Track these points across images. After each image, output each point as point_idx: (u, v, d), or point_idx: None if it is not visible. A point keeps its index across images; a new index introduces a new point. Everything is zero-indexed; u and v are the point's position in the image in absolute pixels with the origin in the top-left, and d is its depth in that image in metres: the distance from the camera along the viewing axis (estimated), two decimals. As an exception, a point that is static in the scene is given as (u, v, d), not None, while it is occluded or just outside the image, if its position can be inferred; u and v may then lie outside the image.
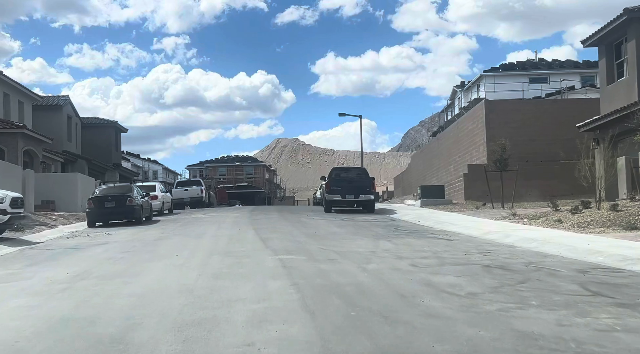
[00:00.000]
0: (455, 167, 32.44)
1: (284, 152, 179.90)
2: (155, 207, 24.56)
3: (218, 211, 27.75)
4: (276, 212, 24.68)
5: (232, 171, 73.94)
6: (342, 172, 25.85)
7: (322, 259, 9.65)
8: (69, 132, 39.60)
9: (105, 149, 45.12)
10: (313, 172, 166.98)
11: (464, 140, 31.17)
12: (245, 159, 79.28)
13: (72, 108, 40.40)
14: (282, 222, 18.74)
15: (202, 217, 22.50)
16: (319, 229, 15.74)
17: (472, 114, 30.28)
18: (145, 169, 74.79)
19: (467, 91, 44.01)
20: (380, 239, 13.18)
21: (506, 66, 41.44)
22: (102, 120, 46.42)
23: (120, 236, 15.26)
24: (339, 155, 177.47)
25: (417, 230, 15.85)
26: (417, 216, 20.44)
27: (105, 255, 11.07)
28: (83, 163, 38.70)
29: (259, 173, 75.12)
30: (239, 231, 15.50)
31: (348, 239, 13.11)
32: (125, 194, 19.28)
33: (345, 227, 16.44)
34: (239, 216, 22.12)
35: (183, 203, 35.80)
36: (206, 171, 75.78)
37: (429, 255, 10.25)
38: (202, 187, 36.27)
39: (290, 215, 22.39)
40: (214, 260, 9.68)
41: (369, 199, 23.67)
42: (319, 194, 37.27)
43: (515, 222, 16.80)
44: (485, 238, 13.45)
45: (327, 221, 19.21)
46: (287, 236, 13.68)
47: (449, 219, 18.64)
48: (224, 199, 47.09)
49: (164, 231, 16.17)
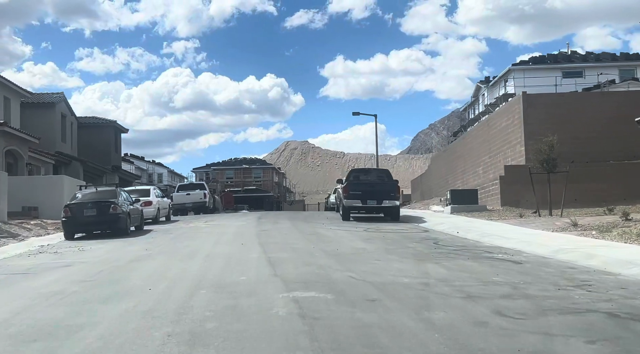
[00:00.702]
0: (485, 169, 29.23)
1: (294, 155, 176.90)
2: (148, 214, 21.56)
3: (222, 218, 24.74)
4: (287, 220, 21.61)
5: (239, 174, 70.96)
6: (362, 175, 22.75)
7: (357, 300, 6.56)
8: (63, 132, 36.75)
9: (103, 151, 42.26)
10: (323, 175, 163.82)
11: (496, 139, 27.97)
12: (253, 161, 76.17)
13: (66, 106, 37.56)
14: (294, 234, 15.65)
15: (202, 226, 19.47)
16: (341, 245, 12.64)
17: (506, 109, 27.08)
18: (150, 172, 72.02)
19: (492, 87, 40.79)
20: (424, 260, 10.07)
21: (536, 59, 38.17)
22: (100, 119, 43.58)
23: (93, 254, 12.23)
24: (349, 158, 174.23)
25: (463, 245, 12.71)
26: (453, 226, 17.29)
27: (55, 287, 8.03)
28: (77, 165, 35.84)
29: (267, 176, 72.08)
30: (241, 247, 12.42)
31: (382, 261, 10.01)
32: (107, 201, 16.28)
33: (372, 242, 13.33)
34: (245, 226, 19.08)
35: (185, 208, 32.84)
36: (213, 174, 72.81)
37: (509, 291, 7.13)
38: (206, 191, 33.25)
39: (303, 224, 19.31)
40: (199, 301, 6.60)
41: (393, 206, 20.56)
42: (333, 199, 34.11)
43: (580, 235, 13.62)
44: (561, 259, 10.29)
45: (349, 232, 16.11)
46: (303, 256, 10.59)
47: (495, 231, 15.47)
48: (230, 204, 43.87)
49: (150, 247, 13.13)
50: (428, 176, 45.21)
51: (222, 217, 25.61)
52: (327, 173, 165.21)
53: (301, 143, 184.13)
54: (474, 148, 31.87)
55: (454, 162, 36.13)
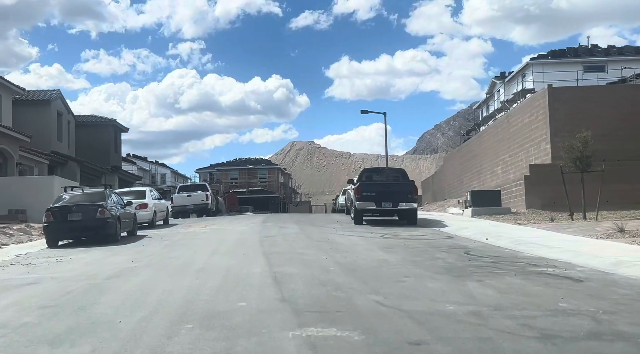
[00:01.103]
0: (505, 169, 27.42)
1: (299, 156, 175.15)
2: (143, 218, 19.88)
3: (224, 221, 23.05)
4: (294, 224, 19.89)
5: (244, 175, 69.26)
6: (375, 174, 21.01)
7: (395, 342, 4.83)
8: (59, 131, 35.16)
9: (102, 151, 40.68)
10: (329, 176, 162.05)
11: (517, 136, 26.15)
12: (258, 161, 74.40)
13: (63, 104, 35.96)
14: (303, 241, 13.91)
15: (201, 231, 17.77)
16: (358, 255, 10.90)
17: (529, 104, 25.26)
18: (153, 172, 70.47)
19: (509, 83, 38.93)
20: (462, 276, 8.32)
21: (556, 53, 36.32)
22: (99, 118, 42.00)
23: (69, 267, 10.53)
24: (355, 158, 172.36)
25: (499, 256, 10.94)
26: (479, 231, 15.52)
27: (1, 316, 6.33)
28: (74, 166, 34.24)
29: (273, 177, 70.33)
30: (242, 258, 10.70)
31: (412, 277, 8.27)
32: (94, 204, 14.58)
33: (394, 251, 11.58)
34: (248, 231, 17.37)
35: (186, 211, 31.18)
36: (217, 175, 71.15)
37: (592, 326, 5.38)
38: (208, 193, 31.56)
39: (312, 229, 17.58)
40: (181, 344, 4.87)
41: (411, 208, 18.79)
42: (342, 201, 32.36)
43: (632, 242, 11.87)
44: (627, 275, 8.52)
45: (364, 238, 14.36)
46: (315, 271, 8.86)
47: (529, 237, 13.69)
48: (234, 206, 42.13)
49: (137, 257, 11.42)
50: (440, 176, 43.38)
51: (225, 221, 23.91)
52: (333, 174, 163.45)
53: (307, 144, 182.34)
54: (491, 146, 30.05)
55: (469, 162, 34.32)
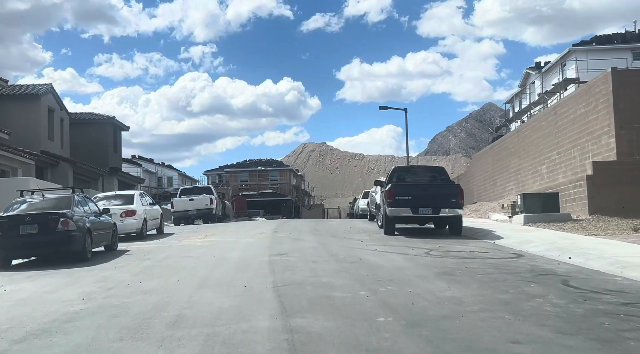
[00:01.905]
0: (552, 168, 23.83)
1: (311, 157, 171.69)
2: (130, 227, 16.56)
3: (228, 230, 19.70)
4: (310, 234, 16.46)
5: (254, 177, 65.92)
6: (409, 174, 17.50)
7: None
8: (51, 129, 32.00)
9: (100, 151, 37.50)
10: (342, 178, 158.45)
11: (569, 130, 22.57)
12: (269, 163, 70.99)
13: (55, 99, 32.80)
14: (327, 261, 10.45)
15: (197, 245, 14.38)
16: (411, 288, 7.42)
17: (584, 92, 21.64)
18: (159, 175, 67.42)
19: (547, 73, 35.27)
20: (612, 344, 4.82)
21: (601, 39, 32.72)
22: (96, 115, 38.83)
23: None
24: (369, 160, 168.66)
25: (620, 291, 7.41)
26: (549, 245, 12.00)
27: None
28: (66, 167, 31.05)
29: (285, 179, 66.93)
30: (242, 295, 7.26)
31: (526, 346, 4.77)
32: (55, 213, 11.24)
33: (459, 280, 8.09)
34: (255, 244, 13.96)
35: (189, 216, 27.87)
36: (226, 177, 67.91)
37: None
38: (212, 196, 28.24)
39: (334, 241, 14.13)
40: None
41: (455, 216, 15.29)
42: (362, 204, 28.86)
43: None
44: None
45: (407, 257, 10.87)
46: (356, 327, 5.40)
47: (628, 255, 10.14)
48: (243, 210, 38.72)
49: (95, 291, 8.04)
50: (469, 177, 39.77)
51: (230, 229, 20.54)
52: (345, 176, 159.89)
53: (319, 145, 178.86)
54: (533, 143, 26.46)
55: (504, 161, 30.72)
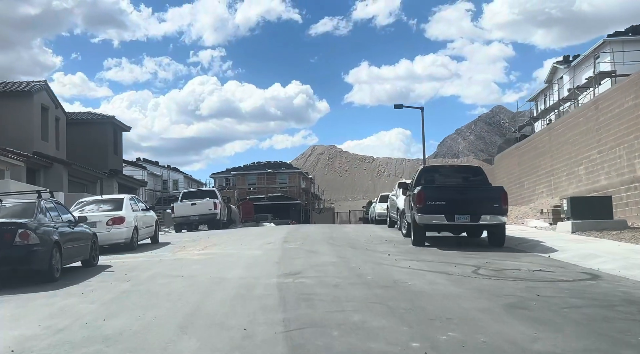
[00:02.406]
0: (592, 169, 21.43)
1: (320, 160, 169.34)
2: (118, 237, 14.35)
3: (233, 239, 17.48)
4: (326, 244, 14.20)
5: (263, 180, 63.73)
6: (439, 175, 15.15)
7: None
8: (45, 129, 29.95)
9: (99, 152, 35.46)
10: (351, 181, 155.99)
11: (613, 126, 20.19)
12: (278, 165, 68.75)
13: (49, 97, 30.75)
14: (352, 285, 8.12)
15: (193, 259, 12.12)
16: (483, 335, 5.10)
17: (633, 83, 19.23)
18: (165, 178, 65.32)
19: (577, 67, 32.83)
20: None
21: (637, 29, 30.26)
22: (95, 115, 36.78)
23: None
24: (379, 162, 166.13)
25: None
26: (622, 261, 9.68)
27: None
28: (60, 169, 28.96)
29: (294, 181, 64.71)
30: (240, 344, 4.96)
31: None
32: (10, 223, 9.02)
33: (544, 320, 5.76)
34: (261, 258, 11.69)
35: (190, 222, 25.71)
36: (234, 180, 65.81)
37: None
38: (217, 200, 26.04)
39: (356, 254, 11.84)
40: None
41: (498, 224, 12.94)
42: (380, 209, 26.55)
43: None
44: None
45: (452, 278, 8.55)
46: None
47: None
48: (250, 215, 36.52)
49: (42, 332, 5.79)
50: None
51: (234, 237, 18.29)
52: (355, 179, 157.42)
53: (328, 148, 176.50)
54: (567, 141, 24.07)
55: (532, 162, 28.31)
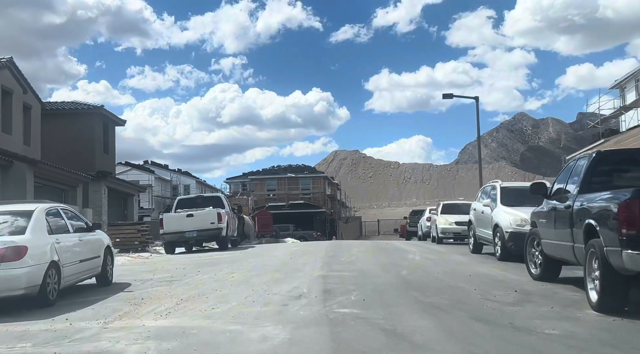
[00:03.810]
0: None
1: (343, 166, 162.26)
2: (8, 285, 7.48)
3: (232, 281, 10.69)
4: (410, 302, 7.30)
5: (283, 185, 56.92)
6: (625, 167, 7.99)
7: None
8: (7, 118, 23.46)
9: (84, 150, 29.02)
10: (376, 187, 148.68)
11: None
12: (300, 169, 61.75)
13: (14, 78, 24.22)
14: None
15: (142, 336, 5.23)
16: None
17: None
18: (175, 183, 58.89)
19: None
20: None
21: None
22: (79, 104, 30.28)
23: None
24: (405, 168, 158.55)
25: None
26: None
27: None
28: (23, 168, 22.35)
29: (318, 187, 57.76)
30: None
31: None
32: None
33: None
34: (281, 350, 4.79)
35: (186, 240, 19.00)
36: (251, 186, 59.09)
37: None
38: (223, 211, 19.28)
39: (496, 341, 4.84)
40: None
41: None
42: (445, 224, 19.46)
43: None
44: None
45: None
46: None
47: None
48: (268, 228, 29.25)
49: None
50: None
51: (237, 274, 11.41)
52: (380, 185, 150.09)
53: (351, 153, 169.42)
54: None
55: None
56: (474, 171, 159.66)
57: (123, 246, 19.57)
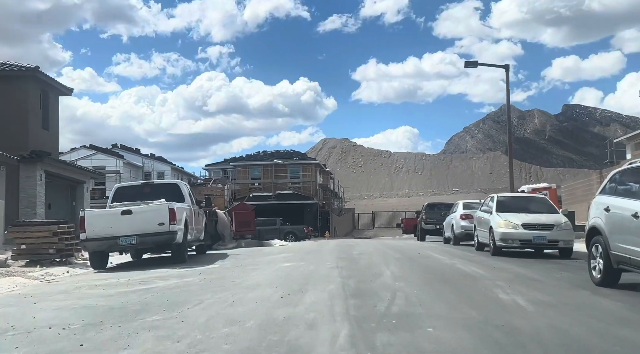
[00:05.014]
0: None
1: (332, 154, 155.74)
2: None
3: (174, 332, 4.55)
4: None
5: (270, 173, 50.56)
6: None
7: None
8: None
9: (13, 124, 22.61)
10: (367, 177, 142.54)
11: None
12: (289, 155, 55.24)
13: None
14: None
15: None
16: None
17: None
18: (147, 169, 52.31)
19: None
20: None
21: None
22: (6, 65, 23.59)
23: None
24: (397, 157, 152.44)
25: None
26: None
27: None
28: None
29: (309, 175, 51.45)
30: None
31: None
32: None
33: None
34: None
35: (121, 249, 12.80)
36: (234, 173, 52.62)
37: None
38: (179, 206, 13.03)
39: None
40: None
41: None
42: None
43: None
44: None
45: None
46: None
47: None
48: (248, 227, 21.97)
49: None
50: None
51: (178, 329, 5.24)
52: (371, 175, 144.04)
53: (340, 141, 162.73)
54: None
55: None
56: (468, 161, 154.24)
57: (33, 255, 13.30)
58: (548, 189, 24.18)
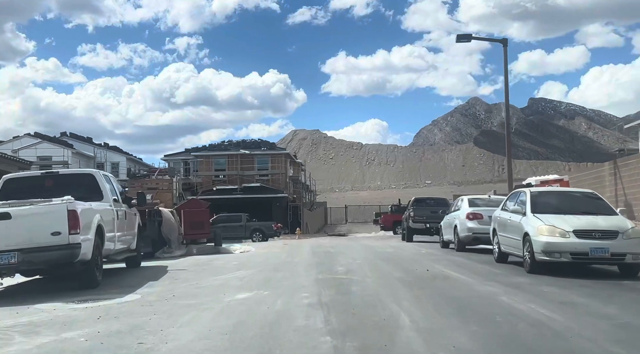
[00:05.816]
0: None
1: (303, 146, 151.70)
2: None
3: None
4: None
5: (235, 164, 46.36)
6: None
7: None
8: None
9: None
10: (338, 169, 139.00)
11: None
12: (257, 144, 50.87)
13: None
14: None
15: None
16: None
17: None
18: (100, 160, 47.63)
19: None
20: None
21: None
22: None
23: None
24: (368, 149, 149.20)
25: None
26: None
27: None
28: None
29: (278, 167, 47.39)
30: None
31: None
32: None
33: None
34: None
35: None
36: (195, 164, 48.21)
37: None
38: (87, 206, 8.96)
39: None
40: None
41: None
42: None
43: None
44: None
45: None
46: None
47: None
48: (202, 230, 17.26)
49: None
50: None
51: None
52: (342, 167, 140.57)
53: (311, 133, 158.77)
54: None
55: None
56: (440, 153, 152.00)
57: None
58: (559, 182, 20.81)
